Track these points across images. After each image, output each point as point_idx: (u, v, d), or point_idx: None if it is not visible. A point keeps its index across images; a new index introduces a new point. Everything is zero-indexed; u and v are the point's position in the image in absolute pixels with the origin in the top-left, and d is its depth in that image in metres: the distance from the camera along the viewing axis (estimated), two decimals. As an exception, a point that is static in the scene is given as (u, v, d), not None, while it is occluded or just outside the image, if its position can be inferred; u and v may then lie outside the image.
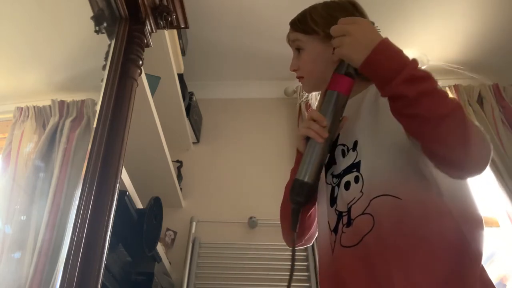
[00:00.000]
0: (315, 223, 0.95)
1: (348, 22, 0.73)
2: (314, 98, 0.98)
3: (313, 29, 0.86)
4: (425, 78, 0.64)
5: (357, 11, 0.89)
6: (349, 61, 0.72)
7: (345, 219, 0.75)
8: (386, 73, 0.65)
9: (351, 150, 0.79)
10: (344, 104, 0.76)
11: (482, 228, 0.68)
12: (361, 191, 0.73)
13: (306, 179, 0.74)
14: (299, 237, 0.93)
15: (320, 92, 0.95)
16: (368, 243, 0.69)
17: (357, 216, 0.72)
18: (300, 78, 0.92)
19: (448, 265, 0.63)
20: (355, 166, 0.76)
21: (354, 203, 0.74)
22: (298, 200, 0.76)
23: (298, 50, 0.90)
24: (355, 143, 0.79)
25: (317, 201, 0.91)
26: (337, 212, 0.78)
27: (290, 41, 0.92)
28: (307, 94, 0.99)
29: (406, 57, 0.66)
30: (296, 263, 1.87)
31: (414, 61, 0.65)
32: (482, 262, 0.67)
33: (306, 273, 1.83)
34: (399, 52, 0.67)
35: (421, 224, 0.66)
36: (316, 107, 0.80)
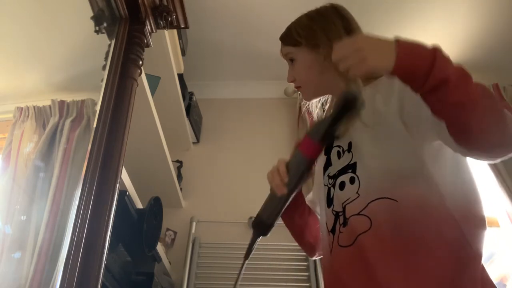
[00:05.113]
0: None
1: (350, 41, 0.67)
2: (314, 106, 1.00)
3: (298, 41, 0.89)
4: (451, 61, 0.62)
5: (339, 16, 0.89)
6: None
7: (341, 219, 0.76)
8: (423, 66, 0.61)
9: (346, 152, 0.80)
10: (309, 167, 0.78)
11: (484, 228, 0.68)
12: (357, 192, 0.74)
13: (265, 219, 0.80)
14: (310, 253, 0.99)
15: (319, 99, 0.97)
16: (363, 244, 0.69)
17: (352, 216, 0.73)
18: (298, 88, 0.94)
19: (447, 266, 0.63)
20: (351, 167, 0.77)
21: (349, 203, 0.74)
22: (257, 233, 0.83)
23: (291, 61, 0.92)
24: (350, 144, 0.80)
25: (319, 204, 0.92)
26: (334, 213, 0.79)
27: (283, 55, 0.94)
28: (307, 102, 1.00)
29: (426, 45, 0.64)
30: (296, 263, 1.89)
31: (437, 46, 0.63)
32: (482, 262, 0.66)
33: (306, 273, 1.82)
34: (419, 43, 0.64)
35: (419, 226, 0.66)
36: (288, 159, 0.81)
